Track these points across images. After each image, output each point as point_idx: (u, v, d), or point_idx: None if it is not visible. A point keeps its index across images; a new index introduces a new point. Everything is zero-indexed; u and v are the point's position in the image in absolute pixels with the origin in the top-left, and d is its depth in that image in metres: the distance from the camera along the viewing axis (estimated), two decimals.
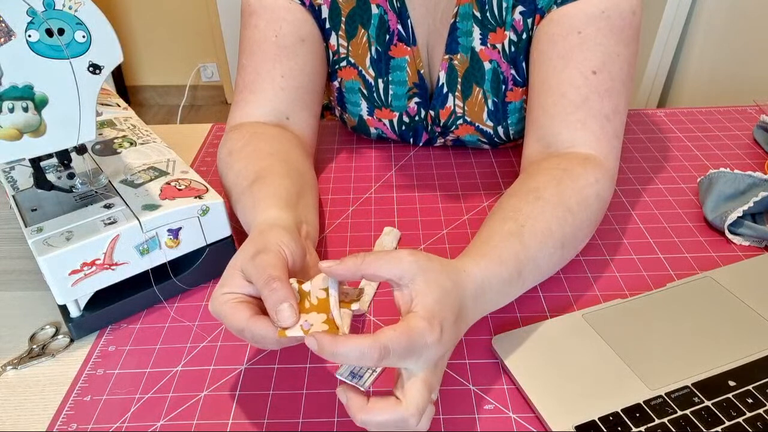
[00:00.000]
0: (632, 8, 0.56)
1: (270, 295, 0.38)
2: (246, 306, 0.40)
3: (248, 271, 0.41)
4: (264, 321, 0.39)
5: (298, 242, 0.45)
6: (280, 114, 0.65)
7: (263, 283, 0.39)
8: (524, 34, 0.61)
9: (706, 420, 0.41)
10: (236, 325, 0.39)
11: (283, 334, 0.38)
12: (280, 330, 0.38)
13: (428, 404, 0.38)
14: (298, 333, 0.37)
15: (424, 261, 0.40)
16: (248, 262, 0.41)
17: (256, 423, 0.44)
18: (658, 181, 0.70)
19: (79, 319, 0.51)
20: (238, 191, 0.55)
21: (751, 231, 0.58)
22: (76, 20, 0.41)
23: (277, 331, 0.38)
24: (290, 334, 0.37)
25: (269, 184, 0.52)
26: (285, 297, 0.38)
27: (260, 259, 0.41)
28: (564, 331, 0.48)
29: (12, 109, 0.41)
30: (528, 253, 0.47)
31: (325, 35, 0.67)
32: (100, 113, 0.68)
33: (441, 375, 0.40)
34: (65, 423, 0.44)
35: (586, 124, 0.56)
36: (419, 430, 0.38)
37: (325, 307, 0.39)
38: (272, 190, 0.52)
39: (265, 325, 0.38)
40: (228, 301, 0.40)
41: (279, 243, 0.43)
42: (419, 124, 0.73)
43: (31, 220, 0.50)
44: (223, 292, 0.41)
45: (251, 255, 0.42)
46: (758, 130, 0.77)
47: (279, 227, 0.45)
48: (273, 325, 0.38)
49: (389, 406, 0.37)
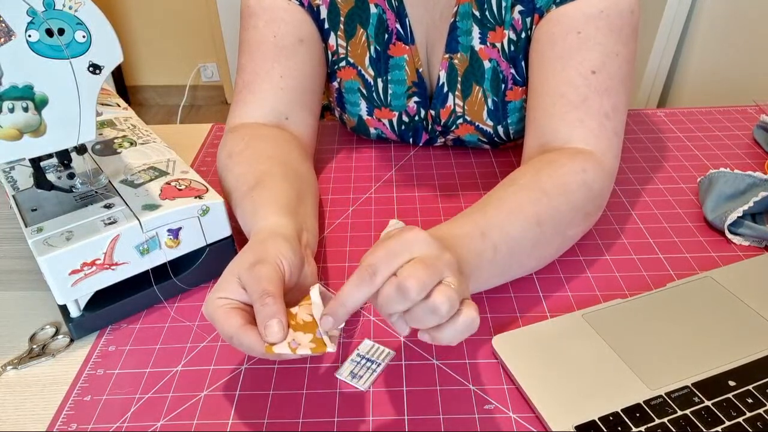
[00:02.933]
0: (630, 7, 0.56)
1: (261, 310, 0.39)
2: (238, 313, 0.40)
3: (245, 279, 0.41)
4: (253, 332, 0.39)
5: (297, 252, 0.45)
6: (279, 114, 0.65)
7: (257, 296, 0.39)
8: (523, 33, 0.61)
9: (706, 420, 0.41)
10: (227, 331, 0.40)
11: (270, 350, 0.38)
12: (268, 346, 0.38)
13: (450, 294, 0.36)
14: (286, 350, 0.38)
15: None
16: (245, 270, 0.41)
17: (256, 423, 0.44)
18: (658, 181, 0.70)
19: (79, 319, 0.51)
20: (238, 196, 0.55)
21: (751, 231, 0.58)
22: (76, 20, 0.41)
23: (265, 346, 0.38)
24: (277, 350, 0.38)
25: (269, 189, 0.53)
26: (275, 313, 0.38)
27: (257, 270, 0.41)
28: (564, 331, 0.48)
29: (12, 109, 0.41)
30: (489, 220, 0.48)
31: (324, 36, 0.67)
32: (100, 113, 0.68)
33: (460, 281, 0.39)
34: (65, 423, 0.44)
35: (585, 122, 0.56)
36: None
37: (311, 327, 0.39)
38: (272, 195, 0.52)
39: (254, 336, 0.39)
40: (222, 306, 0.41)
41: (278, 254, 0.43)
42: (419, 124, 0.73)
43: (31, 220, 0.50)
44: (218, 297, 0.41)
45: (249, 264, 0.42)
46: (758, 130, 0.77)
47: (279, 236, 0.45)
48: (260, 339, 0.38)
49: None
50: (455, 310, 0.37)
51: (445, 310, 0.36)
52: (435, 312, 0.36)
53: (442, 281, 0.37)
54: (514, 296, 0.53)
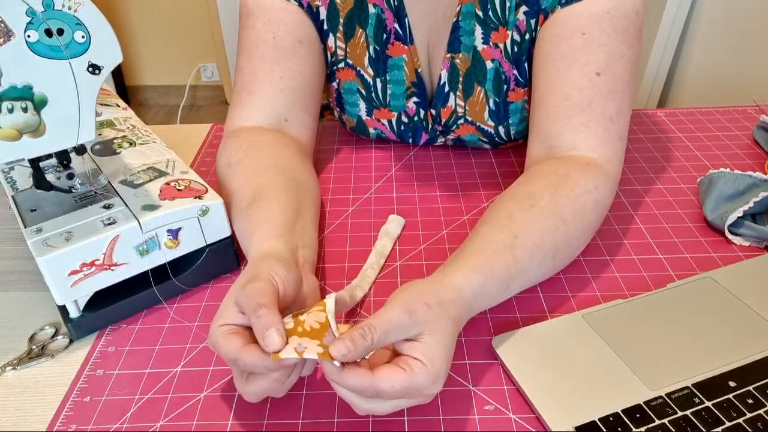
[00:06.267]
0: (635, 8, 0.56)
1: (257, 322, 0.38)
2: (238, 336, 0.40)
3: (239, 300, 0.41)
4: (254, 349, 0.39)
5: (292, 270, 0.44)
6: (278, 116, 0.65)
7: (251, 310, 0.39)
8: (527, 34, 0.61)
9: (707, 420, 0.41)
10: (229, 354, 0.39)
11: (277, 358, 0.37)
12: (274, 354, 0.38)
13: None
14: (292, 354, 0.37)
15: (423, 313, 0.40)
16: (239, 291, 0.41)
17: (256, 423, 0.43)
18: (658, 181, 0.70)
19: (78, 319, 0.51)
20: (236, 212, 0.55)
21: (751, 231, 0.58)
22: (76, 20, 0.41)
23: (270, 357, 0.38)
24: (284, 356, 0.37)
25: (266, 207, 0.52)
26: (271, 323, 0.38)
27: (249, 287, 0.41)
28: (564, 331, 0.48)
29: (11, 109, 0.41)
30: (519, 266, 0.48)
31: (323, 37, 0.67)
32: (100, 113, 0.68)
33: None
34: (65, 424, 0.44)
35: (589, 126, 0.56)
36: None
37: (319, 333, 0.39)
38: (269, 215, 0.51)
39: (256, 352, 0.38)
40: (223, 333, 0.40)
41: (269, 271, 0.43)
42: (418, 124, 0.72)
43: (30, 221, 0.50)
44: (219, 324, 0.41)
45: (242, 285, 0.42)
46: (758, 130, 0.77)
47: (272, 258, 0.45)
48: (263, 354, 0.38)
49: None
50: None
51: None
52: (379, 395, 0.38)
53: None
54: (514, 297, 0.53)
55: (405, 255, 0.59)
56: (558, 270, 0.54)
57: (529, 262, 0.49)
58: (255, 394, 0.41)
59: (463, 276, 0.45)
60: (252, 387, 0.40)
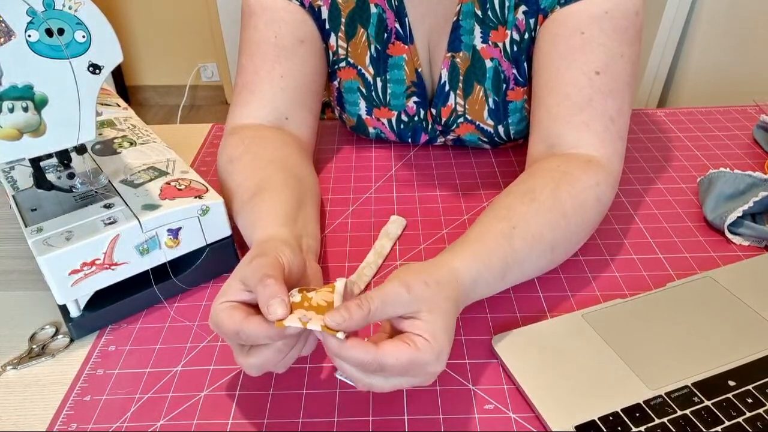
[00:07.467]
0: (635, 8, 0.56)
1: (263, 291, 0.38)
2: (240, 310, 0.40)
3: (245, 274, 0.41)
4: (258, 319, 0.39)
5: (297, 254, 0.45)
6: (279, 114, 0.65)
7: (257, 281, 0.39)
8: (527, 34, 0.61)
9: (706, 420, 0.41)
10: (232, 327, 0.39)
11: (281, 325, 0.38)
12: (278, 321, 0.38)
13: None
14: (296, 323, 0.38)
15: (421, 290, 0.40)
16: (245, 266, 0.42)
17: (256, 423, 0.44)
18: (658, 181, 0.70)
19: (79, 319, 0.51)
20: (238, 205, 0.55)
21: (751, 231, 0.58)
22: (76, 20, 0.41)
23: (273, 325, 0.38)
24: (288, 323, 0.38)
25: (268, 199, 0.53)
26: (277, 292, 0.38)
27: (256, 261, 0.41)
28: (564, 331, 0.48)
29: (12, 109, 0.41)
30: (516, 257, 0.49)
31: (325, 36, 0.67)
32: (100, 113, 0.68)
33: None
34: (65, 423, 0.44)
35: (590, 125, 0.56)
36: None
37: (324, 311, 0.39)
38: (271, 206, 0.52)
39: (258, 321, 0.38)
40: (225, 308, 0.40)
41: (276, 249, 0.43)
42: (418, 124, 0.72)
43: (31, 220, 0.50)
44: (221, 302, 0.41)
45: (248, 261, 0.42)
46: (758, 130, 0.77)
47: (278, 240, 0.46)
48: (266, 323, 0.38)
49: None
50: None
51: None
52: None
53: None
54: (514, 296, 0.53)
55: (405, 255, 0.59)
56: (556, 265, 0.54)
57: (528, 253, 0.49)
58: (256, 366, 0.41)
59: (461, 261, 0.46)
60: (254, 359, 0.40)
